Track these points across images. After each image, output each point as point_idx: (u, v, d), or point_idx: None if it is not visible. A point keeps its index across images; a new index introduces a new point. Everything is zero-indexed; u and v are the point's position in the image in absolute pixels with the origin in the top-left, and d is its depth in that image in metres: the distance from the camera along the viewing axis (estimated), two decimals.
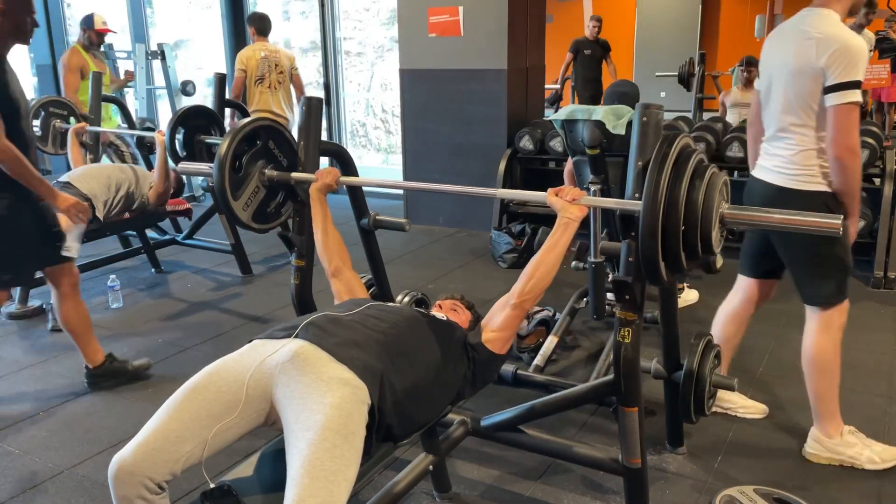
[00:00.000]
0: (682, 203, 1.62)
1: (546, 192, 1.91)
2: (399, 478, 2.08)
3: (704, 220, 1.63)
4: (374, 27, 7.49)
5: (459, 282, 4.55)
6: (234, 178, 2.29)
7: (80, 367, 3.37)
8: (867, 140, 4.43)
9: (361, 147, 8.07)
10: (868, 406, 2.90)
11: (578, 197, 1.88)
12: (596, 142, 2.77)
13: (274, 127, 2.41)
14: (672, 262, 1.66)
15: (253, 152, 2.33)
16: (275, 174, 2.36)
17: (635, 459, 2.10)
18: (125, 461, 1.53)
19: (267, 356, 1.66)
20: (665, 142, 1.68)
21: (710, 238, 1.65)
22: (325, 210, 2.30)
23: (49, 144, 4.82)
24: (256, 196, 2.37)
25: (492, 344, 1.96)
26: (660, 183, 1.60)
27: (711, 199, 1.64)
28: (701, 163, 1.70)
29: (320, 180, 2.28)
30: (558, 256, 1.90)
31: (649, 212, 1.62)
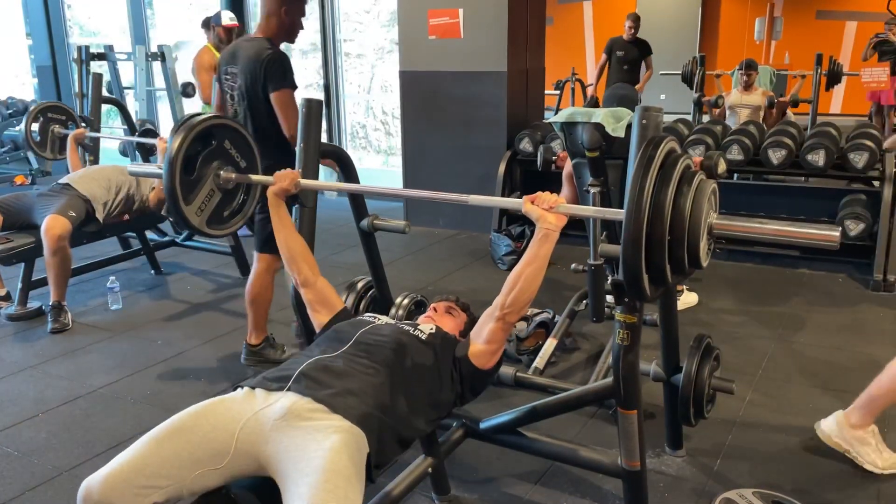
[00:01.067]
0: (668, 211, 1.49)
1: (522, 200, 1.81)
2: (398, 480, 2.08)
3: (692, 230, 1.51)
4: (374, 29, 7.49)
5: (459, 284, 4.55)
6: (186, 180, 2.15)
7: (78, 369, 3.38)
8: (866, 143, 4.44)
9: (361, 149, 8.06)
10: None
11: (555, 205, 1.75)
12: (595, 144, 2.77)
13: (230, 126, 2.30)
14: (656, 275, 1.55)
15: (207, 153, 2.20)
16: (232, 176, 2.24)
17: (634, 462, 2.10)
18: (92, 487, 1.50)
19: (259, 409, 1.62)
20: (650, 145, 1.57)
21: (698, 250, 1.53)
22: (284, 215, 2.15)
23: (48, 150, 4.84)
24: (211, 199, 2.24)
25: (477, 358, 1.90)
26: (644, 189, 1.48)
27: (700, 208, 1.51)
28: (688, 168, 1.59)
29: (277, 184, 2.13)
30: (539, 269, 1.80)
31: (633, 220, 1.49)
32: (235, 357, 3.45)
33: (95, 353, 3.59)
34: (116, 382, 3.25)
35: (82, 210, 3.97)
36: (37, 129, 4.79)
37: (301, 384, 1.68)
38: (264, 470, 1.60)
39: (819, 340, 3.58)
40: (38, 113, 4.83)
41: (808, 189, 5.32)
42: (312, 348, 1.89)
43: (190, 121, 2.18)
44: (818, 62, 7.16)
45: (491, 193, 5.43)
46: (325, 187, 2.40)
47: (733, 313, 3.96)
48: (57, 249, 3.79)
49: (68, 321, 3.90)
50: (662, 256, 1.51)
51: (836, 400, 2.97)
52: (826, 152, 4.46)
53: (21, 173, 8.01)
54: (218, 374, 3.31)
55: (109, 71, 6.78)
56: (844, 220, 4.44)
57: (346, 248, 5.25)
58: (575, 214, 1.80)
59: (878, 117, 8.25)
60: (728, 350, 3.35)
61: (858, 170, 4.46)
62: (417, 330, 1.96)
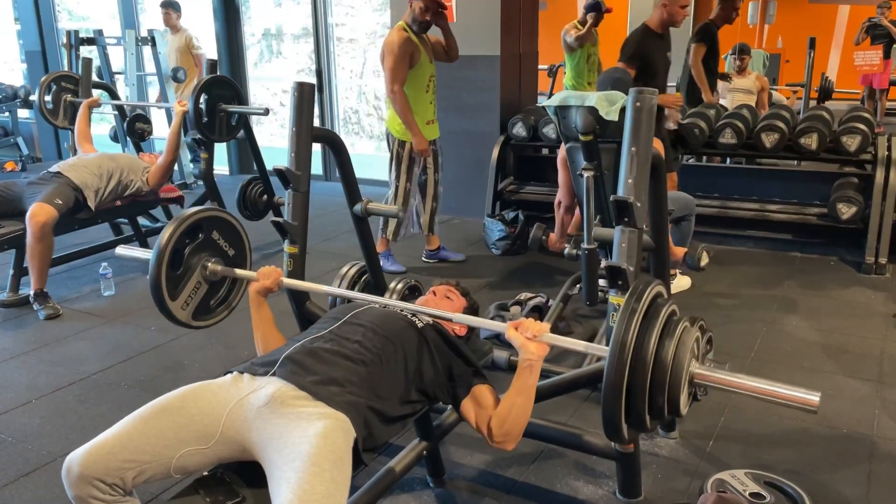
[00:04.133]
0: (649, 363, 1.50)
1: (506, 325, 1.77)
2: (393, 463, 2.09)
3: (673, 381, 1.52)
4: (366, 13, 7.44)
5: (452, 269, 4.54)
6: (173, 276, 2.11)
7: (71, 356, 3.37)
8: (859, 126, 4.44)
9: (354, 134, 8.03)
10: (858, 390, 2.92)
11: (539, 333, 1.71)
12: (589, 128, 2.76)
13: (218, 217, 2.25)
14: (635, 421, 1.56)
15: (195, 245, 2.16)
16: (218, 269, 2.19)
17: (628, 444, 2.11)
18: (74, 460, 1.52)
19: (245, 395, 1.63)
20: (634, 293, 1.56)
21: (678, 400, 1.53)
22: (263, 314, 2.10)
23: (60, 118, 5.01)
24: (198, 292, 2.20)
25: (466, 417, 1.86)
26: (626, 341, 1.48)
27: (681, 360, 1.52)
28: (672, 316, 1.59)
29: (260, 281, 2.10)
30: (528, 399, 1.75)
31: (614, 373, 1.49)
32: (229, 343, 3.45)
33: (88, 339, 3.58)
34: (110, 368, 3.24)
35: (70, 198, 3.95)
36: (50, 98, 4.95)
37: (286, 369, 1.68)
38: (249, 455, 1.60)
39: (811, 323, 3.60)
40: (51, 82, 4.98)
41: (801, 172, 5.33)
42: (306, 332, 1.89)
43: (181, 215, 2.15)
44: (811, 46, 7.16)
45: (484, 179, 5.43)
46: (307, 288, 2.20)
47: (726, 296, 3.98)
48: (41, 237, 3.75)
49: (58, 306, 3.88)
50: (643, 405, 1.52)
51: (828, 382, 2.99)
52: (819, 136, 4.46)
53: (11, 160, 7.96)
54: (211, 361, 3.31)
55: (99, 56, 6.71)
56: (836, 203, 4.45)
57: (339, 233, 5.24)
58: (559, 345, 1.75)
59: (870, 101, 8.25)
60: (721, 333, 3.36)
61: (851, 153, 4.46)
62: (414, 316, 1.96)
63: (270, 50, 8.31)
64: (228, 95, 4.59)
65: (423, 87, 4.29)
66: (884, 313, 3.71)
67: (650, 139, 2.01)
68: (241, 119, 4.74)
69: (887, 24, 7.98)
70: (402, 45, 4.15)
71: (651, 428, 1.61)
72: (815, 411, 1.48)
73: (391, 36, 4.21)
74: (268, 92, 8.37)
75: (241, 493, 1.60)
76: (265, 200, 4.97)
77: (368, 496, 1.98)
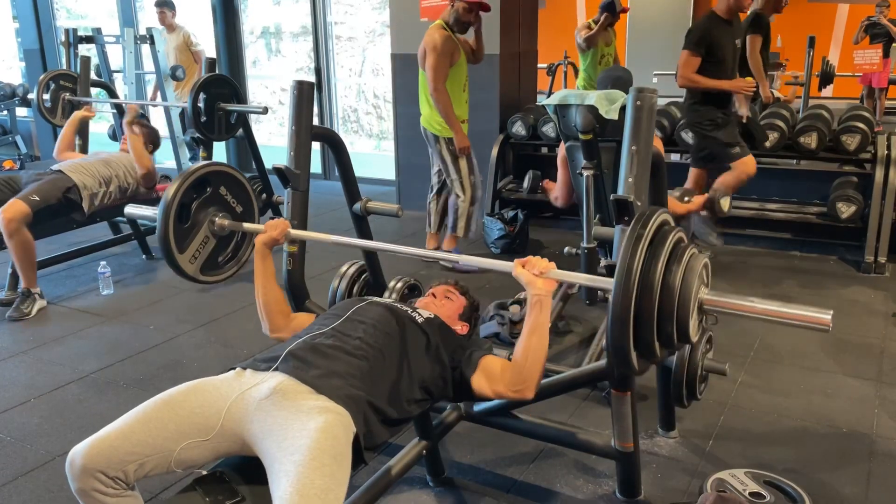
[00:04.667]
0: (657, 290, 1.47)
1: (513, 263, 1.78)
2: (392, 462, 2.08)
3: (681, 307, 1.49)
4: (365, 11, 7.43)
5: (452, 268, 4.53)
6: (181, 229, 2.13)
7: (70, 355, 3.36)
8: (858, 125, 4.44)
9: (353, 133, 8.02)
10: (858, 390, 2.92)
11: (546, 270, 1.73)
12: (589, 127, 2.76)
13: (227, 172, 2.27)
14: (644, 350, 1.53)
15: (203, 199, 2.17)
16: (226, 223, 2.21)
17: (628, 443, 2.11)
18: (77, 453, 1.52)
19: (247, 389, 1.64)
20: (640, 220, 1.53)
21: (688, 327, 1.51)
22: (267, 265, 2.11)
23: (58, 116, 4.99)
24: (206, 246, 2.21)
25: (479, 392, 1.85)
26: (632, 268, 1.45)
27: (689, 285, 1.50)
28: (680, 242, 1.56)
29: (267, 233, 2.11)
30: (542, 338, 1.76)
31: (620, 299, 1.46)
32: (228, 341, 3.44)
33: (87, 338, 3.57)
34: (108, 367, 3.23)
35: (53, 197, 3.90)
36: (48, 97, 4.93)
37: (289, 364, 1.69)
38: (249, 449, 1.60)
39: None
40: (50, 80, 4.97)
41: (800, 171, 5.33)
42: (308, 328, 1.89)
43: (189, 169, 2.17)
44: (810, 45, 7.15)
45: (484, 177, 5.41)
46: (314, 238, 2.25)
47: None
48: (10, 233, 3.70)
49: (31, 311, 3.81)
50: (651, 333, 1.49)
51: (828, 381, 2.99)
52: (818, 135, 4.46)
53: (9, 158, 7.95)
54: (210, 359, 3.30)
55: (98, 54, 6.70)
56: (836, 203, 4.45)
57: (338, 232, 5.21)
58: (566, 280, 1.77)
59: (869, 100, 8.25)
60: (720, 332, 3.35)
61: (850, 152, 4.46)
62: (415, 312, 1.96)
63: (269, 48, 8.30)
64: (227, 94, 4.59)
65: (461, 86, 4.30)
66: (883, 312, 3.71)
67: (650, 138, 2.01)
68: (239, 118, 4.74)
69: (886, 23, 7.98)
70: (445, 44, 4.15)
71: (661, 356, 1.58)
72: (827, 329, 1.45)
73: (432, 35, 4.20)
74: (267, 90, 8.36)
75: (240, 492, 1.59)
76: (264, 199, 4.96)
77: (368, 495, 1.97)
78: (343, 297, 2.59)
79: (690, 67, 3.99)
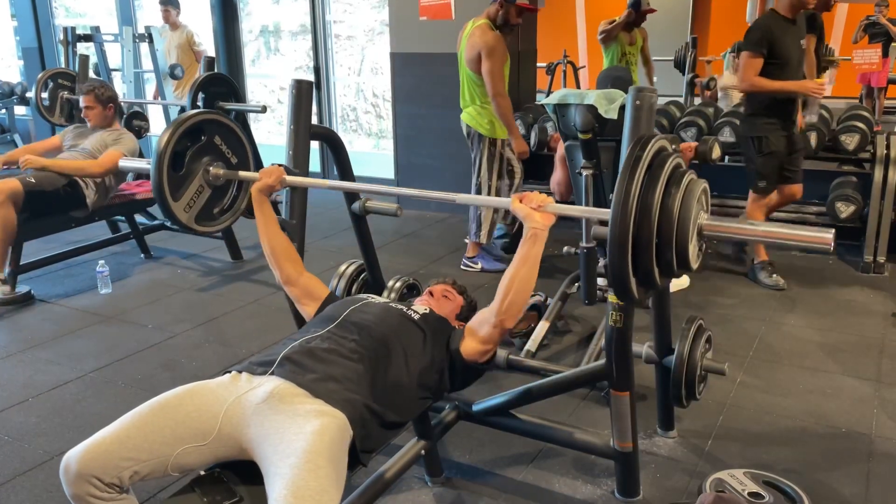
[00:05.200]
0: (655, 213, 1.45)
1: (510, 198, 1.79)
2: (391, 463, 2.08)
3: (680, 232, 1.47)
4: (364, 10, 7.42)
5: (451, 267, 4.54)
6: (174, 176, 2.12)
7: (68, 354, 3.35)
8: (857, 125, 4.44)
9: (352, 132, 8.02)
10: (857, 390, 2.92)
11: (544, 204, 1.74)
12: (588, 126, 2.76)
13: (221, 121, 2.26)
14: (644, 277, 1.50)
15: (197, 148, 2.16)
16: (221, 172, 2.20)
17: (626, 443, 2.11)
18: (72, 458, 1.51)
19: (243, 393, 1.63)
20: (638, 144, 1.50)
21: (687, 252, 1.49)
22: (268, 212, 2.11)
23: (56, 115, 5.03)
24: (201, 196, 2.21)
25: (470, 354, 1.87)
26: (630, 190, 1.43)
27: (689, 209, 1.47)
28: (678, 168, 1.54)
29: (262, 180, 2.11)
30: (531, 270, 1.77)
31: (618, 222, 1.44)
32: (226, 340, 3.44)
33: (85, 337, 3.56)
34: (107, 367, 3.23)
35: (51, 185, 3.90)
36: (46, 95, 4.98)
37: (285, 368, 1.68)
38: (246, 454, 1.60)
39: (809, 322, 3.60)
40: (48, 79, 5.01)
41: None
42: (303, 331, 1.88)
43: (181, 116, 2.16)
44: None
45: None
46: (311, 184, 2.26)
47: (725, 295, 3.97)
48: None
49: None
50: (650, 259, 1.47)
51: (827, 381, 2.99)
52: (817, 134, 4.46)
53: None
54: (209, 359, 3.30)
55: (96, 53, 6.68)
56: (835, 202, 4.45)
57: (337, 231, 5.23)
58: (563, 213, 1.78)
59: (868, 100, 8.24)
60: (719, 332, 3.36)
61: (849, 152, 4.46)
62: (410, 310, 1.96)
63: (268, 47, 8.30)
64: (226, 93, 4.60)
65: (506, 87, 4.21)
66: (882, 312, 3.70)
67: None
68: (238, 116, 4.73)
69: (885, 23, 7.97)
70: (502, 46, 4.06)
71: (661, 284, 1.56)
72: (829, 248, 1.46)
73: (486, 36, 4.06)
74: (265, 89, 8.35)
75: (238, 493, 1.59)
76: None
77: (366, 495, 1.97)
78: (342, 297, 2.58)
79: (752, 69, 3.71)
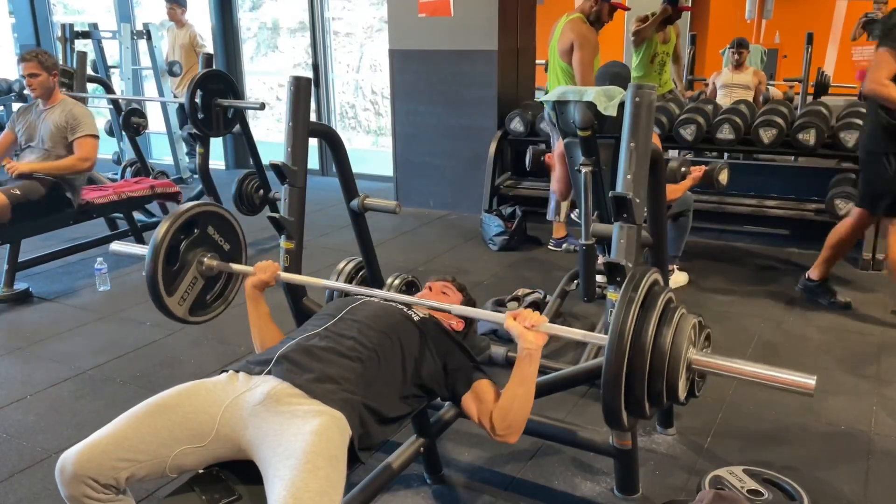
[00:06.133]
0: (648, 350, 1.52)
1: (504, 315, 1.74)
2: (390, 460, 2.08)
3: (671, 367, 1.54)
4: (363, 7, 7.41)
5: (450, 264, 4.53)
6: (169, 272, 2.10)
7: (66, 351, 3.35)
8: (857, 122, 4.43)
9: (351, 129, 8.01)
10: (856, 387, 2.92)
11: (537, 323, 1.71)
12: (587, 123, 2.75)
13: (214, 212, 2.23)
14: (635, 408, 1.57)
15: (190, 241, 2.14)
16: (214, 264, 2.18)
17: (625, 441, 2.11)
18: (68, 459, 1.50)
19: (240, 394, 1.62)
20: (632, 282, 1.57)
21: (676, 386, 1.55)
22: (260, 309, 2.07)
23: None
24: (195, 287, 2.19)
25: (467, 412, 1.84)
26: (624, 333, 1.50)
27: (679, 346, 1.55)
28: (669, 304, 1.60)
29: (257, 275, 2.07)
30: (529, 390, 1.74)
31: (613, 361, 1.51)
32: (224, 338, 3.44)
33: (83, 335, 3.56)
34: (105, 364, 3.22)
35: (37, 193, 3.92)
36: None
37: (282, 367, 1.67)
38: (245, 454, 1.59)
39: (808, 319, 3.60)
40: None
41: (799, 168, 5.32)
42: (301, 329, 1.88)
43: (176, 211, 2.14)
44: (809, 41, 7.14)
45: (481, 174, 5.42)
46: (306, 282, 2.20)
47: (723, 293, 3.97)
48: None
49: None
50: (641, 392, 1.54)
51: (826, 379, 2.99)
52: (817, 131, 4.45)
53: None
54: (207, 357, 3.30)
55: (94, 49, 6.67)
56: (834, 199, 4.44)
57: (335, 229, 5.23)
58: (557, 334, 1.76)
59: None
60: (719, 329, 3.36)
61: (849, 149, 4.45)
62: (410, 310, 1.95)
63: (267, 44, 8.28)
64: (224, 90, 4.58)
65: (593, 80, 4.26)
66: (881, 309, 3.70)
67: (649, 134, 2.00)
68: (237, 113, 4.72)
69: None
70: (594, 39, 4.13)
71: (650, 414, 1.62)
72: (811, 394, 1.51)
73: (580, 28, 4.16)
74: (264, 86, 8.34)
75: (237, 491, 1.59)
76: (261, 195, 4.95)
77: (365, 493, 1.97)
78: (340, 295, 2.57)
79: (885, 70, 3.17)
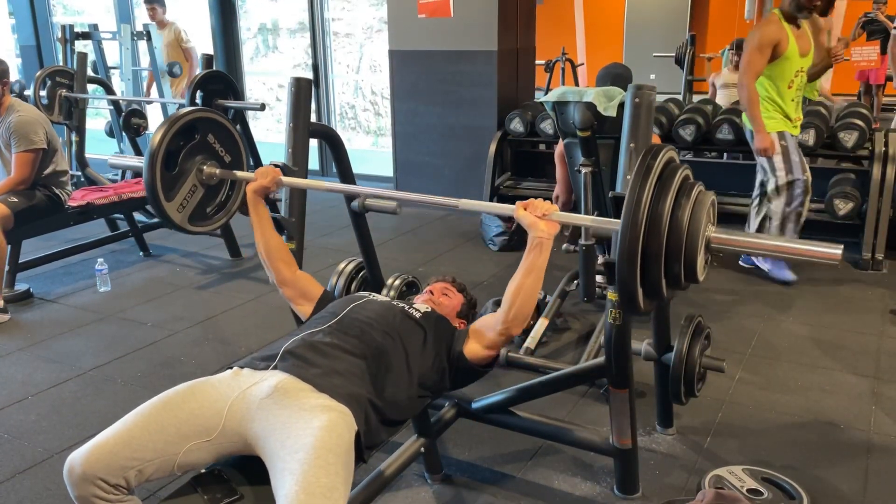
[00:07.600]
0: (665, 225, 1.41)
1: (514, 206, 1.76)
2: (391, 460, 2.09)
3: (689, 244, 1.43)
4: (362, 7, 7.42)
5: (450, 264, 4.54)
6: (168, 176, 2.09)
7: (67, 352, 3.35)
8: (856, 122, 4.44)
9: (351, 129, 8.02)
10: (856, 386, 2.93)
11: (548, 212, 1.72)
12: (587, 124, 2.76)
13: (215, 119, 2.22)
14: (651, 289, 1.48)
15: (190, 147, 2.12)
16: (215, 171, 2.17)
17: (626, 440, 2.11)
18: (76, 460, 1.51)
19: (246, 388, 1.63)
20: (648, 153, 1.49)
21: (696, 265, 1.46)
22: (263, 213, 2.09)
23: (55, 113, 5.03)
24: (194, 195, 2.17)
25: (473, 358, 1.87)
26: (641, 200, 1.39)
27: (698, 221, 1.44)
28: (687, 179, 1.52)
29: (257, 181, 2.08)
30: (537, 279, 1.76)
31: (628, 234, 1.40)
32: (225, 338, 3.44)
33: (84, 335, 3.56)
34: (106, 365, 3.23)
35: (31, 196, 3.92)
36: (45, 93, 4.99)
37: (287, 362, 1.68)
38: (251, 449, 1.60)
39: (808, 319, 3.60)
40: (46, 77, 5.01)
41: None
42: (304, 327, 1.89)
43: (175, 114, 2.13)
44: None
45: (481, 174, 5.42)
46: (306, 185, 2.24)
47: (723, 292, 3.98)
48: None
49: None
50: (658, 271, 1.44)
51: (825, 378, 3.00)
52: (816, 132, 4.46)
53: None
54: (208, 356, 3.30)
55: (94, 50, 6.68)
56: (833, 199, 4.45)
57: (336, 229, 5.23)
58: (568, 222, 1.76)
59: (867, 97, 8.25)
60: (718, 329, 3.36)
61: (848, 149, 4.46)
62: (412, 309, 1.96)
63: (266, 45, 8.29)
64: (224, 90, 4.59)
65: (787, 81, 3.90)
66: (881, 309, 3.71)
67: (649, 135, 2.01)
68: (237, 114, 4.73)
69: (884, 20, 7.97)
70: (767, 34, 3.79)
71: (667, 297, 1.53)
72: (836, 263, 1.42)
73: (760, 24, 3.92)
74: (264, 87, 8.34)
75: (239, 491, 1.59)
76: None
77: (366, 492, 1.97)
78: (341, 295, 2.58)
79: None
